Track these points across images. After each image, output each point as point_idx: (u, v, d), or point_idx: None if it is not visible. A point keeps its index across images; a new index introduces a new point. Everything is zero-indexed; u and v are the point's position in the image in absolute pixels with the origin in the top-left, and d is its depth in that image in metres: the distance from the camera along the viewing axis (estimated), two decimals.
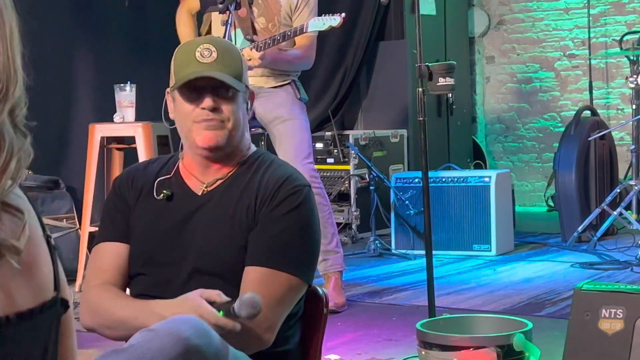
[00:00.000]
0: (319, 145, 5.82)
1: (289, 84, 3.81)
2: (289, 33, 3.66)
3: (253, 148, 1.90)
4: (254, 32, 3.74)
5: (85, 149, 4.01)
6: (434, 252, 3.34)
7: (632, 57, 5.55)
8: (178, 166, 1.83)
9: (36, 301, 0.97)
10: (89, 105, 4.63)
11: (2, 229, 0.91)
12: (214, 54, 1.77)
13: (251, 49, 3.65)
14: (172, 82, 1.83)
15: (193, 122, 1.75)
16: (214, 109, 1.75)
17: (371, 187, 5.30)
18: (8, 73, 0.92)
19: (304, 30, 3.61)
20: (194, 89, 1.76)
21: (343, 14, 3.57)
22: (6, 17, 0.92)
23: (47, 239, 1.02)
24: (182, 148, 1.98)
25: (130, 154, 3.97)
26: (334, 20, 3.54)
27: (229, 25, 3.49)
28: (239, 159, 1.84)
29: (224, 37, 3.50)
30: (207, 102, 1.73)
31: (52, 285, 1.00)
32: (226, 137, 1.77)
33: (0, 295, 0.91)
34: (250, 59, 3.62)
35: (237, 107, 1.79)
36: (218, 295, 1.61)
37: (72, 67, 4.61)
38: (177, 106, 1.81)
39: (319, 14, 3.85)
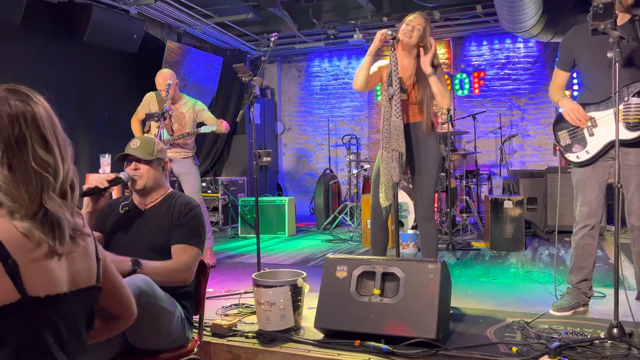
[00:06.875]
0: (204, 184, 6.56)
1: (191, 156, 4.15)
2: (191, 132, 4.02)
3: (170, 189, 2.17)
4: (172, 130, 4.06)
5: None
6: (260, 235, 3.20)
7: (347, 146, 6.83)
8: (132, 197, 2.16)
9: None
10: None
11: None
12: (138, 143, 2.04)
13: (173, 140, 3.83)
14: None
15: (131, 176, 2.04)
16: (136, 169, 2.05)
17: (229, 205, 6.27)
18: None
19: (199, 132, 3.99)
20: (129, 160, 2.06)
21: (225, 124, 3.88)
22: None
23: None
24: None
25: None
26: (215, 127, 3.94)
27: (160, 128, 3.82)
28: (161, 193, 2.12)
29: (158, 134, 3.80)
30: (131, 165, 2.04)
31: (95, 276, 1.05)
32: (143, 184, 2.06)
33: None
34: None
35: (148, 169, 2.06)
36: (100, 183, 1.89)
37: None
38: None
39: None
